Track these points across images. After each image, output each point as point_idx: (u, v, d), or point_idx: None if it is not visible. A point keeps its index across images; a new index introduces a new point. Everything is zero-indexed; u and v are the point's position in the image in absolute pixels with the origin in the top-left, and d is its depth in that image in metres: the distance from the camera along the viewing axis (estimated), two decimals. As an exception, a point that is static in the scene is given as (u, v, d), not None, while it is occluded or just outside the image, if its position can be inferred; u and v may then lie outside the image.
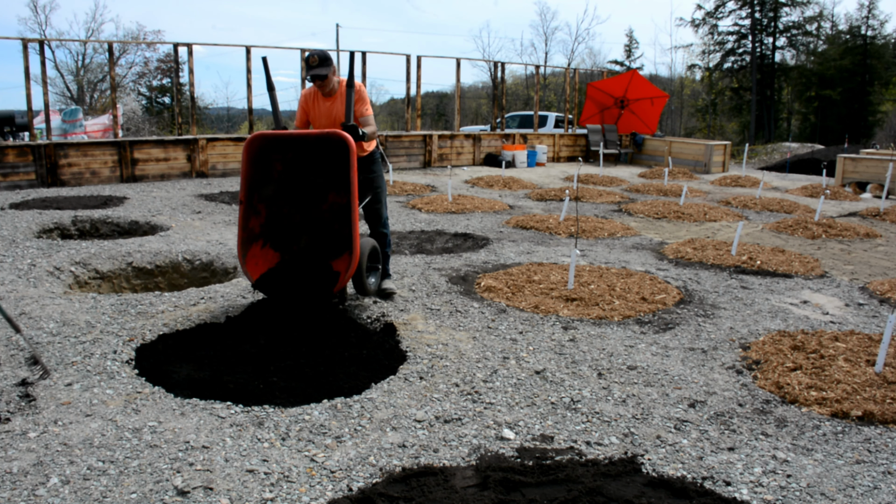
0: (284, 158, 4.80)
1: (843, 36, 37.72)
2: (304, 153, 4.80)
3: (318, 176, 4.82)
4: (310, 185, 4.85)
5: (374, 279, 5.09)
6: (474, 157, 16.52)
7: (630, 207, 10.30)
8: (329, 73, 4.77)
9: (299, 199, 4.86)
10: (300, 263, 4.77)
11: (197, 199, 9.87)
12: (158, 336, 4.22)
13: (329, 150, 4.72)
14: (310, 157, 4.80)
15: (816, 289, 5.97)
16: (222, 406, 3.32)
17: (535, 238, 7.86)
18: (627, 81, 18.80)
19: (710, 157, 17.36)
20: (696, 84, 43.52)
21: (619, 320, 4.87)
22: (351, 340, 4.13)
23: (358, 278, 4.84)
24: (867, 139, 32.31)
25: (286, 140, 4.73)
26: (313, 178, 4.84)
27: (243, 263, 4.56)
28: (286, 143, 4.77)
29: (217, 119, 36.44)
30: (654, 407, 3.50)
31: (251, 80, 13.51)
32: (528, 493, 2.65)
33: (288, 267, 4.75)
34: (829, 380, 3.75)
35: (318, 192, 4.86)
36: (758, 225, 9.36)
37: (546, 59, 44.84)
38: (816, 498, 2.73)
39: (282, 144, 4.76)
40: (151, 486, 2.66)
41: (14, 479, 2.67)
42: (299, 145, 4.78)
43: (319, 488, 2.69)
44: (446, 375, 3.81)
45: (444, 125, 37.19)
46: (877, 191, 13.21)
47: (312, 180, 4.84)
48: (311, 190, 4.86)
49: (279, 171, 4.80)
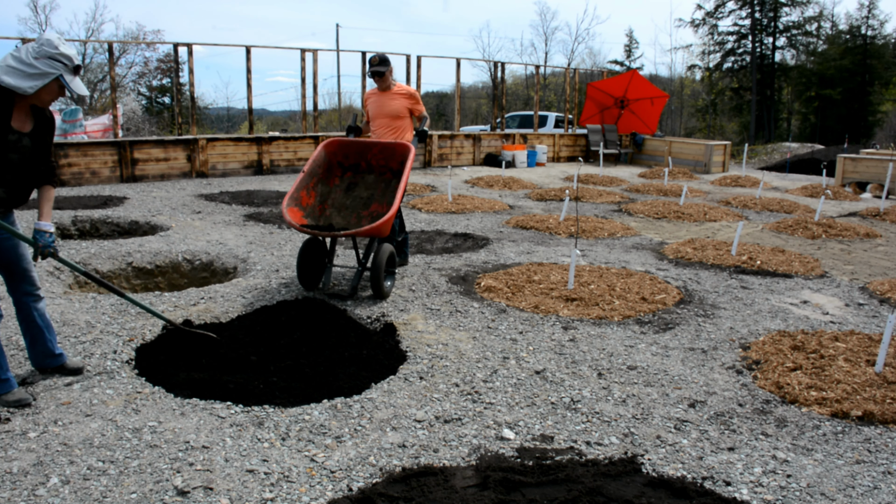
0: (343, 176, 5.72)
1: (843, 36, 37.71)
2: (364, 170, 5.71)
3: (369, 190, 5.66)
4: (358, 197, 5.65)
5: (389, 282, 5.30)
6: (474, 157, 16.52)
7: (630, 207, 10.30)
8: (386, 72, 5.79)
9: (345, 206, 5.61)
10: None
11: (197, 199, 9.87)
12: (158, 336, 4.22)
13: (389, 164, 5.63)
14: (368, 173, 5.71)
15: (816, 289, 5.97)
16: (222, 406, 3.32)
17: (535, 238, 7.86)
18: (627, 81, 18.80)
19: (710, 157, 17.36)
20: (696, 84, 43.51)
21: (619, 320, 4.87)
22: (351, 340, 4.12)
23: (376, 281, 5.03)
24: (867, 139, 32.33)
25: (354, 151, 5.66)
26: (363, 192, 5.66)
27: (285, 209, 5.09)
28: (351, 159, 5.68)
29: (217, 119, 36.42)
30: (654, 407, 3.50)
31: (251, 80, 13.52)
32: (528, 493, 2.65)
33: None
34: (829, 380, 3.75)
35: (363, 203, 5.64)
36: (758, 225, 9.36)
37: (546, 59, 44.88)
38: (816, 498, 2.73)
39: (348, 159, 5.68)
40: (151, 486, 2.66)
41: (14, 479, 2.67)
42: (362, 163, 5.69)
43: (319, 488, 2.69)
44: (446, 375, 3.81)
45: (444, 125, 37.18)
46: (877, 191, 13.21)
47: (362, 194, 5.66)
48: (357, 201, 5.64)
49: (335, 184, 5.67)
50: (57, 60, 3.09)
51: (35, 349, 3.55)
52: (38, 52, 3.07)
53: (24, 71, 3.04)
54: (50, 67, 3.08)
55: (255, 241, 7.12)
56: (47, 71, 3.07)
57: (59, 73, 3.10)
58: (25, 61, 3.05)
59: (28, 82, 3.05)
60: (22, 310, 3.49)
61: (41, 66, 3.06)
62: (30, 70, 3.05)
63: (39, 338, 3.52)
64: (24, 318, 3.50)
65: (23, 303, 3.48)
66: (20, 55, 3.06)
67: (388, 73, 5.83)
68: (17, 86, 3.03)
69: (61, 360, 3.62)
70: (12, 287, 3.46)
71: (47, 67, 3.07)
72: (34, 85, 3.06)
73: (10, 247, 3.37)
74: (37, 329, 3.51)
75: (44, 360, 3.57)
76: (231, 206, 9.44)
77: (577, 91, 20.60)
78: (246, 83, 13.61)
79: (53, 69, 3.08)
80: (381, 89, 5.91)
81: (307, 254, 5.21)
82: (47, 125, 3.32)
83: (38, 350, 3.55)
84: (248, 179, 12.56)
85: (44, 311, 3.56)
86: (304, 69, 13.78)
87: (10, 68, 3.04)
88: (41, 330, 3.52)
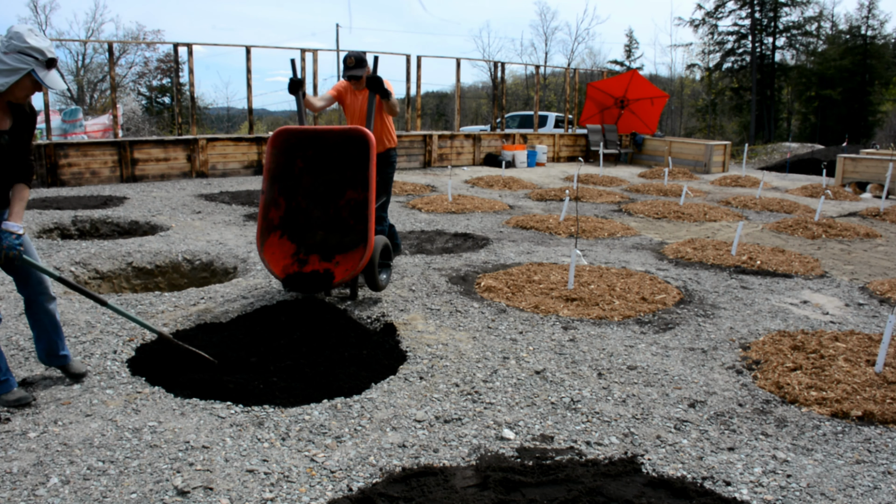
0: (305, 156, 5.11)
1: (843, 36, 37.71)
2: (325, 150, 5.10)
3: (338, 172, 5.13)
4: (329, 182, 5.16)
5: (385, 275, 5.26)
6: (474, 157, 16.52)
7: (630, 207, 10.30)
8: (363, 75, 5.43)
9: (318, 194, 5.14)
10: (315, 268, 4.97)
11: (197, 199, 9.87)
12: (158, 336, 4.21)
13: (350, 147, 5.01)
14: (331, 153, 5.11)
15: (816, 289, 5.97)
16: (222, 406, 3.32)
17: (535, 238, 7.86)
18: (627, 81, 18.80)
19: (710, 157, 17.36)
20: (696, 84, 43.53)
21: (619, 320, 4.87)
22: (351, 340, 4.13)
23: (370, 274, 4.95)
24: (867, 139, 32.32)
25: (309, 136, 5.01)
26: (333, 175, 5.15)
27: (261, 251, 4.75)
28: (308, 140, 5.05)
29: (217, 119, 36.42)
30: (654, 407, 3.50)
31: (251, 80, 13.52)
32: (528, 493, 2.65)
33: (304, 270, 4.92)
34: (829, 380, 3.75)
35: (336, 189, 5.16)
36: (758, 225, 9.36)
37: (546, 59, 44.88)
38: (816, 498, 2.73)
39: (304, 141, 5.04)
40: (151, 486, 2.66)
41: (14, 479, 2.67)
42: (321, 142, 5.06)
43: (319, 488, 2.69)
44: (446, 375, 3.81)
45: (444, 125, 37.18)
46: (877, 191, 13.21)
47: (332, 177, 5.15)
48: (329, 186, 5.16)
49: (300, 167, 5.10)
50: (27, 55, 2.95)
51: (39, 345, 3.52)
52: (6, 46, 2.93)
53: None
54: (20, 63, 2.94)
55: (255, 240, 7.12)
56: (17, 66, 2.93)
57: (31, 68, 2.96)
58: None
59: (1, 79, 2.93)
60: (31, 306, 3.44)
61: (10, 61, 2.92)
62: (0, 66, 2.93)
63: (43, 336, 3.48)
64: (31, 314, 3.46)
65: (33, 301, 3.42)
66: None
67: (366, 74, 5.45)
68: None
69: (65, 362, 3.57)
70: (22, 288, 3.41)
71: (17, 63, 2.93)
72: (5, 82, 2.93)
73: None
74: (41, 328, 3.46)
75: (47, 358, 3.55)
76: (231, 206, 9.44)
77: (577, 91, 20.60)
78: (246, 83, 13.61)
79: (24, 64, 2.94)
80: (358, 89, 5.60)
81: None
82: (26, 122, 3.18)
83: (41, 346, 3.51)
84: (248, 179, 12.56)
85: (54, 312, 3.49)
86: (305, 69, 13.78)
87: None
88: (45, 330, 3.47)
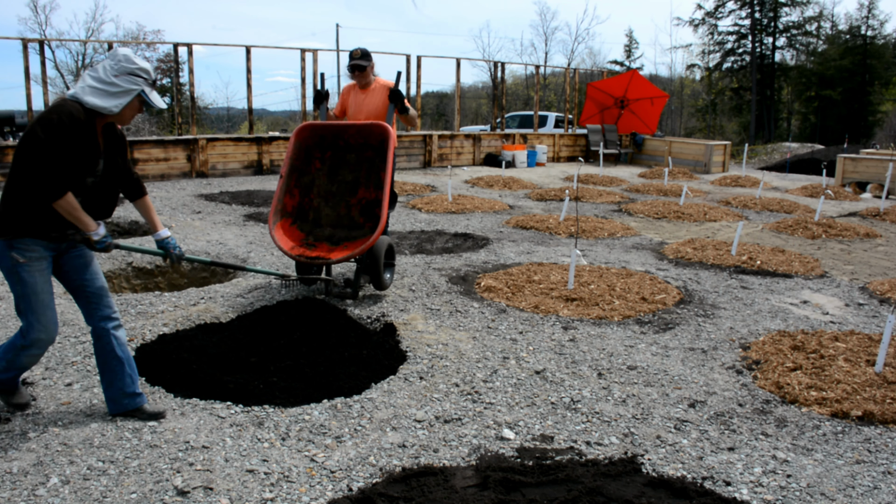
0: (323, 157, 5.37)
1: (843, 36, 37.72)
2: (343, 151, 5.36)
3: (353, 173, 5.34)
4: (343, 182, 5.35)
5: (389, 275, 5.31)
6: (474, 157, 16.52)
7: (630, 207, 10.30)
8: (368, 67, 5.44)
9: (331, 193, 5.35)
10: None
11: (197, 199, 9.87)
12: (158, 336, 4.22)
13: (370, 139, 5.24)
14: (348, 154, 5.35)
15: (816, 289, 5.97)
16: (222, 406, 3.32)
17: (535, 238, 7.86)
18: (627, 81, 18.80)
19: (710, 157, 17.36)
20: (696, 84, 43.53)
21: (619, 320, 4.87)
22: (351, 340, 4.13)
23: (375, 273, 5.02)
24: (867, 139, 32.32)
25: (330, 131, 5.28)
26: (347, 176, 5.35)
27: (272, 230, 4.97)
28: (329, 137, 5.31)
29: (217, 119, 36.42)
30: (654, 407, 3.50)
31: (251, 80, 13.53)
32: (528, 493, 2.65)
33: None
34: (829, 380, 3.74)
35: (349, 189, 5.34)
36: (758, 225, 9.36)
37: (546, 59, 44.88)
38: (816, 498, 2.73)
39: (325, 138, 5.32)
40: (151, 486, 2.66)
41: (14, 479, 2.67)
42: (341, 138, 5.30)
43: (319, 488, 2.69)
44: (446, 375, 3.81)
45: (444, 125, 37.18)
46: (877, 191, 13.21)
47: (346, 177, 5.35)
48: (343, 186, 5.35)
49: (317, 168, 5.36)
50: (137, 76, 2.97)
51: (112, 388, 3.14)
52: (117, 69, 2.94)
53: (107, 90, 2.92)
54: (131, 84, 2.96)
55: (255, 240, 7.12)
56: (129, 88, 2.95)
57: (141, 89, 2.98)
58: (106, 80, 2.93)
59: (113, 101, 2.93)
60: (101, 339, 3.11)
61: (122, 83, 2.94)
62: (112, 89, 2.93)
63: (119, 372, 3.12)
64: (102, 350, 3.11)
65: (102, 330, 3.10)
66: (99, 74, 2.94)
67: (370, 69, 5.48)
68: (102, 106, 2.90)
69: (141, 401, 3.19)
70: (88, 313, 3.12)
71: (129, 84, 2.95)
72: (119, 103, 2.94)
73: (80, 265, 3.09)
74: (117, 362, 3.12)
75: (122, 401, 3.17)
76: (231, 206, 9.44)
77: (577, 91, 20.60)
78: (246, 83, 13.61)
79: (135, 85, 2.97)
80: (362, 86, 5.55)
81: None
82: (119, 143, 3.15)
83: (115, 389, 3.14)
84: (248, 179, 12.57)
85: (124, 340, 3.17)
86: (304, 69, 13.79)
87: (92, 89, 2.91)
88: (122, 363, 3.13)
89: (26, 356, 3.06)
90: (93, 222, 2.94)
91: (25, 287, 2.93)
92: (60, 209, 2.83)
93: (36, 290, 2.95)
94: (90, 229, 2.93)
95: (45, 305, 2.99)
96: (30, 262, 2.93)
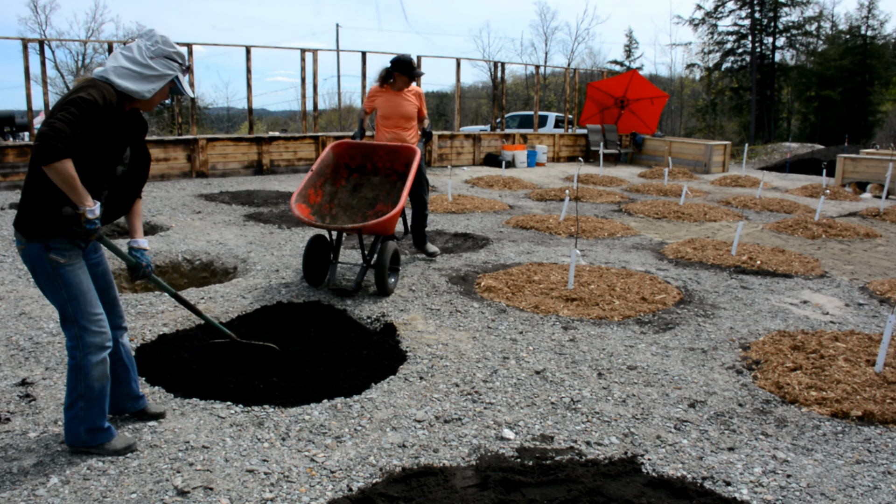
0: (350, 178, 5.84)
1: (843, 36, 37.71)
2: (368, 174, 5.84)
3: (374, 192, 5.78)
4: (363, 198, 5.74)
5: (393, 279, 5.39)
6: (474, 157, 16.52)
7: (630, 207, 10.30)
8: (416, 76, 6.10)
9: (350, 206, 5.71)
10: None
11: (197, 199, 9.87)
12: (158, 336, 4.22)
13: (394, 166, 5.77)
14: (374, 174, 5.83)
15: (816, 289, 5.97)
16: (222, 406, 3.32)
17: (535, 238, 7.86)
18: (627, 81, 18.79)
19: (710, 157, 17.36)
20: (695, 84, 43.52)
21: (619, 320, 4.87)
22: (351, 340, 4.13)
23: (380, 278, 5.11)
24: (867, 139, 32.32)
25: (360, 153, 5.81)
26: (368, 193, 5.76)
27: (294, 206, 5.20)
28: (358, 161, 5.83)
29: (217, 119, 36.40)
30: (654, 407, 3.50)
31: (251, 80, 13.52)
32: (528, 493, 2.65)
33: None
34: (829, 380, 3.74)
35: (368, 204, 5.71)
36: (758, 225, 9.36)
37: (546, 59, 44.88)
38: (816, 498, 2.73)
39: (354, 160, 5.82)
40: (151, 486, 2.66)
41: (14, 479, 2.67)
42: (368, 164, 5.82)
43: (319, 488, 2.69)
44: (446, 375, 3.81)
45: (444, 125, 37.18)
46: (877, 191, 13.21)
47: (367, 195, 5.76)
48: (363, 201, 5.73)
49: (342, 185, 5.79)
50: (173, 60, 2.80)
51: (118, 391, 3.10)
52: (154, 51, 2.76)
53: (142, 73, 2.73)
54: (167, 68, 2.78)
55: (255, 241, 7.13)
56: (165, 73, 2.77)
57: (176, 74, 2.81)
58: (142, 62, 2.73)
59: (147, 85, 2.74)
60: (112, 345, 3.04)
61: (159, 66, 2.75)
62: (148, 72, 2.74)
63: (125, 377, 3.10)
64: (110, 358, 2.99)
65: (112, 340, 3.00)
66: (133, 55, 2.74)
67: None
68: (136, 90, 2.72)
69: (143, 404, 3.19)
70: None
71: (164, 69, 2.77)
72: (153, 88, 2.75)
73: (100, 273, 2.99)
74: (123, 368, 3.08)
75: (125, 403, 3.15)
76: (231, 206, 9.44)
77: (577, 91, 20.60)
78: (246, 83, 13.61)
79: (171, 70, 2.79)
80: (396, 89, 6.11)
81: (313, 250, 5.34)
82: (143, 131, 2.95)
83: (120, 392, 3.11)
84: (248, 179, 12.57)
85: (129, 346, 3.17)
86: (304, 69, 13.79)
87: (126, 71, 2.71)
88: (127, 369, 3.10)
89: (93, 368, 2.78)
90: (90, 198, 2.62)
91: (71, 289, 2.73)
92: (56, 175, 2.48)
93: (83, 290, 2.75)
94: (87, 204, 2.59)
95: (96, 303, 2.80)
96: (70, 260, 2.73)
